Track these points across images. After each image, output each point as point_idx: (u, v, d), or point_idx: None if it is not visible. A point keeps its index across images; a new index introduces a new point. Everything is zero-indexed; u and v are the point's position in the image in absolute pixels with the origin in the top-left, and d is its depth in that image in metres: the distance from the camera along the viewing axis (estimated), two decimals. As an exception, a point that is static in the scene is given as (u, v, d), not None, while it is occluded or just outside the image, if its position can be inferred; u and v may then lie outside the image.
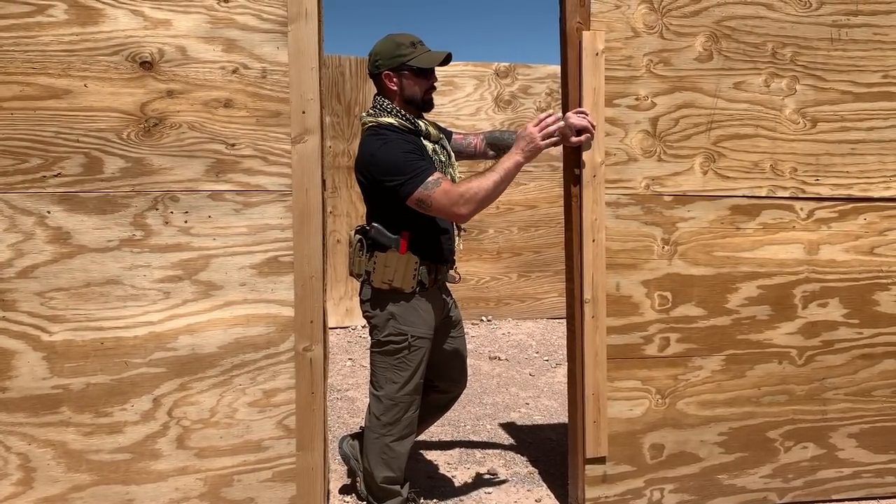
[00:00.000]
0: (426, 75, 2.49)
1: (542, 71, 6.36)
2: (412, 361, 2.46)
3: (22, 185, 2.19)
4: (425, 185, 2.32)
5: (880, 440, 2.78)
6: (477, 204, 2.34)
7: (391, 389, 2.46)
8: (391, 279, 2.42)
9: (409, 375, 2.46)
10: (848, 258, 2.71)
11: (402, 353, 2.45)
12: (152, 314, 2.26)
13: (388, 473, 2.48)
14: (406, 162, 2.34)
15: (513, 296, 6.41)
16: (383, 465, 2.48)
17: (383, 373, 2.47)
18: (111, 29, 2.21)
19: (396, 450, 2.48)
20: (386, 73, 2.46)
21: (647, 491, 2.64)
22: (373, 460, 2.49)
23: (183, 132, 2.25)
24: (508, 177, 2.36)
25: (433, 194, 2.31)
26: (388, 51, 2.46)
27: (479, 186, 2.32)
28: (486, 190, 2.33)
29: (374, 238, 2.45)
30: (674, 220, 2.60)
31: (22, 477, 2.23)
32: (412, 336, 2.45)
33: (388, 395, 2.46)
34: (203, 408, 2.30)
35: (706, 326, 2.64)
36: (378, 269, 2.43)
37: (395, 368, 2.45)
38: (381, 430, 2.47)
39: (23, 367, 2.21)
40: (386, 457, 2.47)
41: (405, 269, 2.42)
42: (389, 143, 2.38)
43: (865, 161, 2.71)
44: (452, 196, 2.31)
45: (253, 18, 2.27)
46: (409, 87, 2.47)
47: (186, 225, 2.27)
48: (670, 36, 2.56)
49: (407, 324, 2.45)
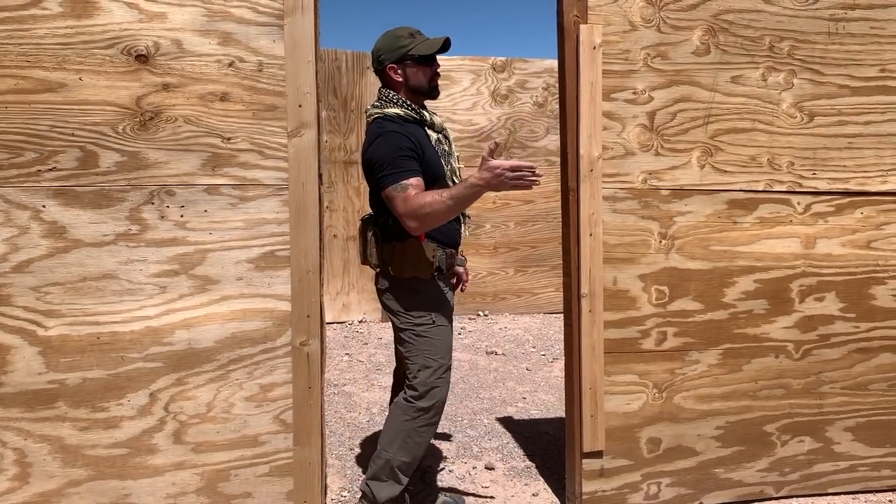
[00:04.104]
0: (429, 62, 2.51)
1: (538, 65, 6.36)
2: (439, 340, 2.48)
3: (17, 179, 2.18)
4: (395, 185, 2.32)
5: (876, 434, 2.79)
6: (425, 221, 2.31)
7: (425, 375, 2.46)
8: (411, 268, 2.44)
9: (440, 357, 2.48)
10: (844, 252, 2.72)
11: (429, 333, 2.47)
12: (148, 309, 2.25)
13: (407, 459, 2.48)
14: (394, 158, 2.34)
15: (510, 291, 6.41)
16: (404, 450, 2.48)
17: (415, 359, 2.48)
18: (106, 22, 2.20)
19: (423, 435, 2.49)
20: (390, 66, 2.48)
21: (644, 485, 2.65)
22: (395, 444, 2.49)
23: (179, 126, 2.24)
24: (465, 202, 2.30)
25: (397, 197, 2.31)
26: (388, 45, 2.48)
27: (434, 207, 2.28)
28: (438, 213, 2.29)
29: (392, 228, 2.45)
30: (671, 214, 2.60)
31: (18, 472, 2.22)
32: (435, 314, 2.48)
33: (423, 381, 2.46)
34: (200, 402, 2.29)
35: (703, 320, 2.64)
36: (397, 258, 2.45)
37: (425, 353, 2.47)
38: (414, 413, 2.47)
39: (18, 362, 2.20)
40: (410, 441, 2.48)
41: (425, 256, 2.44)
42: (387, 135, 2.38)
43: (862, 155, 2.71)
44: (409, 206, 2.29)
45: (249, 11, 2.26)
46: (413, 76, 2.49)
47: (182, 219, 2.26)
48: (668, 30, 2.56)
49: (428, 307, 2.48)
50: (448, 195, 2.27)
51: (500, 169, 2.19)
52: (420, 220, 2.30)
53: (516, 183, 2.22)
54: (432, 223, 2.33)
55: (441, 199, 2.27)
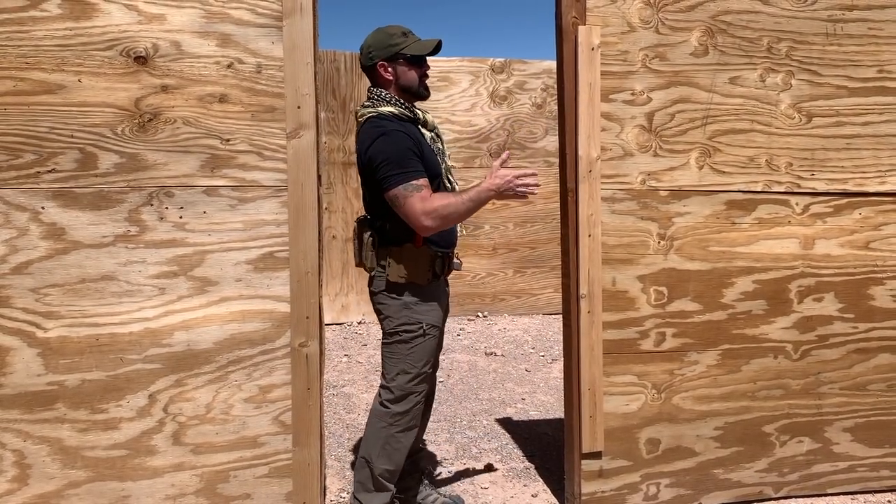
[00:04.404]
0: (420, 63, 2.50)
1: (537, 66, 6.36)
2: (426, 350, 2.47)
3: (16, 180, 2.18)
4: (407, 185, 2.30)
5: (875, 434, 2.79)
6: (444, 222, 2.33)
7: (403, 380, 2.45)
8: (408, 273, 2.42)
9: (422, 366, 2.46)
10: (843, 253, 2.72)
11: (415, 341, 2.45)
12: (147, 310, 2.25)
13: (389, 466, 2.48)
14: (400, 157, 2.33)
15: (509, 291, 6.41)
16: (385, 458, 2.47)
17: (396, 363, 2.47)
18: (105, 24, 2.20)
19: (402, 441, 2.48)
20: (380, 64, 2.46)
21: (643, 485, 2.65)
22: (375, 451, 2.48)
23: (178, 127, 2.24)
24: (479, 207, 2.37)
25: (410, 196, 2.30)
26: (380, 42, 2.46)
27: (455, 208, 2.31)
28: (458, 214, 2.33)
29: (390, 232, 2.44)
30: (669, 215, 2.60)
31: (17, 474, 2.22)
32: (426, 324, 2.46)
33: (400, 385, 2.45)
34: (199, 404, 2.29)
35: (702, 321, 2.64)
36: (393, 263, 2.43)
37: (407, 358, 2.45)
38: (389, 419, 2.47)
39: (17, 364, 2.20)
40: (389, 447, 2.47)
41: (422, 261, 2.43)
42: (391, 134, 2.36)
43: (860, 156, 2.72)
44: (427, 206, 2.29)
45: (248, 13, 2.26)
46: (404, 75, 2.47)
47: (181, 220, 2.26)
48: (666, 31, 2.56)
49: (421, 313, 2.45)
50: (467, 197, 2.33)
51: (510, 176, 2.32)
52: (440, 219, 2.31)
53: (520, 192, 2.35)
54: (449, 224, 2.37)
55: (462, 201, 2.32)
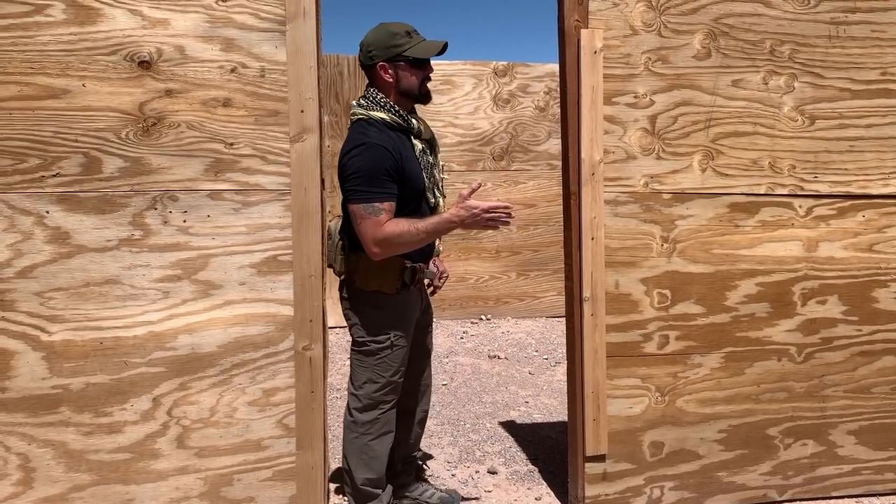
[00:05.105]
0: (422, 66, 2.41)
1: (540, 69, 6.36)
2: (393, 361, 2.42)
3: (21, 185, 2.19)
4: (368, 206, 2.25)
5: (879, 437, 2.78)
6: (394, 250, 2.29)
7: (370, 389, 2.42)
8: (375, 281, 2.38)
9: (390, 376, 2.43)
10: (847, 255, 2.72)
11: (383, 353, 2.41)
12: (151, 314, 2.26)
13: (369, 475, 2.45)
14: (371, 175, 2.26)
15: (512, 294, 6.41)
16: (363, 467, 2.45)
17: (363, 372, 2.43)
18: (109, 28, 2.21)
19: (376, 449, 2.45)
20: (381, 65, 2.36)
21: (647, 489, 2.64)
22: (353, 461, 2.46)
23: (181, 131, 2.25)
24: (437, 236, 2.35)
25: (367, 219, 2.25)
26: (382, 41, 2.36)
27: (407, 238, 2.26)
28: (409, 244, 2.29)
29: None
30: (673, 217, 2.60)
31: (22, 477, 2.23)
32: (394, 335, 2.41)
33: (368, 394, 2.42)
34: (203, 407, 2.30)
35: (705, 324, 2.64)
36: (361, 270, 2.39)
37: (375, 368, 2.41)
38: (359, 429, 2.44)
39: (22, 367, 2.21)
40: (366, 457, 2.45)
41: (390, 271, 2.38)
42: (371, 148, 2.28)
43: (864, 158, 2.71)
44: (378, 234, 2.25)
45: (251, 17, 2.27)
46: (405, 79, 2.38)
47: (185, 224, 2.27)
48: (668, 34, 2.56)
49: (389, 325, 2.40)
50: (423, 227, 2.27)
51: (477, 210, 2.24)
52: (390, 248, 2.27)
53: (489, 224, 2.27)
54: (400, 251, 2.32)
55: (415, 230, 2.26)
